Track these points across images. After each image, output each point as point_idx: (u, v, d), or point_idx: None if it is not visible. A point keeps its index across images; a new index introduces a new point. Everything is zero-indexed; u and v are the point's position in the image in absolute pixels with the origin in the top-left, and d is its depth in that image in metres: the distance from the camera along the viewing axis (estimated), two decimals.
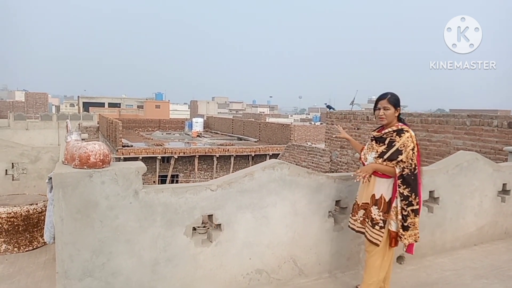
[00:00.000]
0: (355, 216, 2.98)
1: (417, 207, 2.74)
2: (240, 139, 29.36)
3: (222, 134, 33.41)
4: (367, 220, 2.85)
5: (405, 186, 2.71)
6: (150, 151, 19.39)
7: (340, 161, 10.05)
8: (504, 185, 4.44)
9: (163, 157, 19.94)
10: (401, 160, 2.69)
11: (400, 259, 3.72)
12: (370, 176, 2.80)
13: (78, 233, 2.43)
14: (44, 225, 3.93)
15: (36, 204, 3.88)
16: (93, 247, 2.47)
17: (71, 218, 2.41)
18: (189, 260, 2.77)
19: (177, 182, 20.09)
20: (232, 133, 32.36)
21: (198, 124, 34.50)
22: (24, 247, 3.80)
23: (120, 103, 58.08)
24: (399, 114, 2.85)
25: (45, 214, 3.98)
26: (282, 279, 3.16)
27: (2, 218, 3.67)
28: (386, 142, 2.78)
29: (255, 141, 27.12)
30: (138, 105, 57.72)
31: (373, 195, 2.80)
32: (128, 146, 20.20)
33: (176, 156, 19.87)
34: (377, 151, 2.81)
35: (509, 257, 3.96)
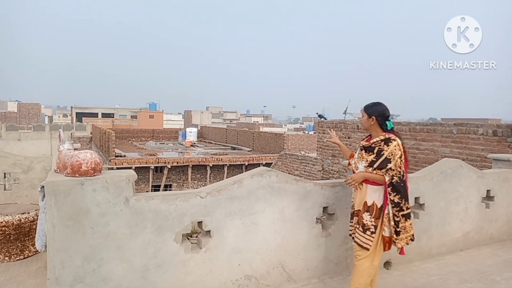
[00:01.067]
0: (351, 222, 3.09)
1: (408, 211, 2.88)
2: (234, 148, 29.41)
3: (215, 143, 33.45)
4: (357, 226, 2.96)
5: (395, 193, 2.83)
6: (143, 161, 19.37)
7: (331, 170, 10.15)
8: (488, 191, 4.55)
9: (156, 167, 19.92)
10: (390, 168, 2.81)
11: (387, 264, 3.80)
12: (362, 184, 2.93)
13: (70, 239, 2.48)
14: (35, 234, 3.96)
15: (28, 213, 3.91)
16: (84, 254, 2.52)
17: (63, 225, 2.46)
18: (179, 266, 2.82)
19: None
20: (226, 142, 32.42)
21: (191, 134, 34.54)
22: (15, 256, 3.82)
23: (113, 113, 57.97)
24: (381, 123, 2.91)
25: (36, 223, 4.01)
26: (271, 285, 3.22)
27: None
28: (375, 151, 2.89)
29: (249, 150, 27.20)
30: (132, 115, 57.65)
31: (365, 202, 2.91)
32: (121, 156, 20.16)
33: (169, 166, 19.86)
34: (366, 160, 2.92)
35: (493, 261, 4.06)
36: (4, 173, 5.09)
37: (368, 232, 2.87)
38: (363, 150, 3.00)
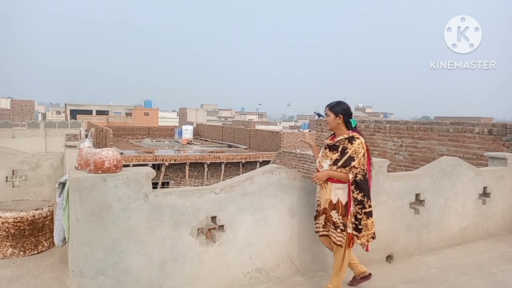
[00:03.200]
0: (318, 220, 3.16)
1: (370, 209, 2.97)
2: (230, 146, 29.52)
3: (212, 141, 33.52)
4: (329, 223, 3.04)
5: (358, 191, 2.90)
6: (141, 158, 19.41)
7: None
8: (484, 188, 4.73)
9: (154, 165, 19.96)
10: (354, 166, 2.89)
11: (389, 258, 3.97)
12: (327, 182, 3.00)
13: (92, 233, 2.60)
14: (48, 230, 4.06)
15: (41, 209, 4.01)
16: (106, 247, 2.64)
17: (86, 220, 2.58)
18: (194, 259, 2.95)
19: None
20: (222, 140, 32.50)
21: (188, 132, 34.55)
22: (29, 251, 3.92)
23: (108, 111, 57.71)
24: (346, 121, 3.04)
25: (49, 219, 4.12)
26: (280, 277, 3.36)
27: (9, 222, 3.79)
28: (339, 149, 2.97)
29: (245, 148, 27.32)
30: (127, 113, 57.44)
31: (331, 201, 2.98)
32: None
33: (167, 164, 19.93)
34: (331, 159, 2.99)
35: (489, 255, 4.23)
36: (13, 170, 5.16)
37: (338, 230, 2.95)
38: (327, 149, 3.07)
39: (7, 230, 3.79)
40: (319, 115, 13.07)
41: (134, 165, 17.99)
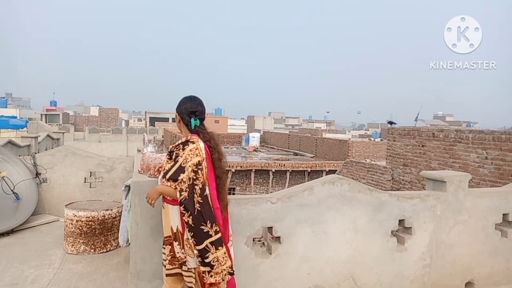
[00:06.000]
0: (165, 252, 2.47)
1: (216, 237, 2.25)
2: (296, 154, 29.25)
3: (278, 149, 33.56)
4: (175, 258, 2.40)
5: (189, 214, 2.21)
6: None
7: (402, 180, 9.62)
8: None
9: None
10: (182, 180, 2.24)
11: (468, 285, 3.49)
12: (164, 202, 2.41)
13: (151, 237, 2.64)
14: (117, 230, 4.28)
15: (111, 210, 4.26)
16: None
17: (145, 223, 2.63)
18: (250, 270, 2.86)
19: (233, 195, 20.44)
20: (288, 148, 32.36)
21: (254, 139, 35.04)
22: (99, 249, 4.17)
23: None
24: (185, 121, 2.43)
25: (118, 220, 4.34)
26: None
27: (82, 221, 4.08)
28: (173, 157, 2.35)
29: (311, 157, 26.85)
30: None
31: (171, 228, 2.37)
32: None
33: (233, 170, 20.33)
34: (164, 169, 2.37)
35: None
36: (90, 172, 5.59)
37: (184, 267, 2.34)
38: (168, 156, 2.43)
39: (80, 228, 4.08)
40: (391, 123, 12.37)
41: None
